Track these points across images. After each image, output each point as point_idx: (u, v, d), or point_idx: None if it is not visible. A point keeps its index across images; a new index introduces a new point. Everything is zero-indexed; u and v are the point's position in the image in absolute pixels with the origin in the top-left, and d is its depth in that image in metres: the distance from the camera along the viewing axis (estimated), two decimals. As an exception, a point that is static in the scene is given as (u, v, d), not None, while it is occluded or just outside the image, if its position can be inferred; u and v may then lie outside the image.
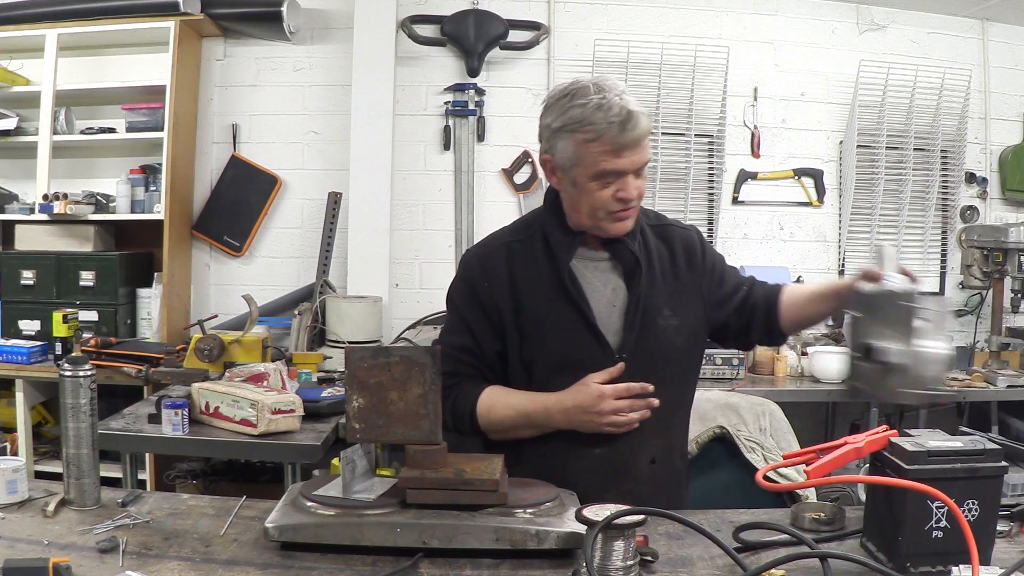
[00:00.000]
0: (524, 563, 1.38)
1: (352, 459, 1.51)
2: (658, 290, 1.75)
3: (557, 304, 1.71)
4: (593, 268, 1.75)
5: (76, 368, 1.61)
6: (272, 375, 2.85)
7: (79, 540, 1.45)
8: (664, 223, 1.86)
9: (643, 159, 1.64)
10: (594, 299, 1.73)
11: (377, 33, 4.13)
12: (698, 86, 4.34)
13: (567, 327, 1.70)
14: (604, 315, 1.73)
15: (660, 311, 1.75)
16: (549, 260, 1.74)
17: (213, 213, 4.34)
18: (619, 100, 1.59)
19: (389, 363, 1.48)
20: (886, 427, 1.45)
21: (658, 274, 1.77)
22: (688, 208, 4.39)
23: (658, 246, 1.80)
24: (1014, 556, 1.34)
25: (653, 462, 1.76)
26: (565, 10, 4.41)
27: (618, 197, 1.64)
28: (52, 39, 3.94)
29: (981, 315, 4.52)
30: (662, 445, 1.78)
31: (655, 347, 1.73)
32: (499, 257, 1.77)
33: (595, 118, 1.58)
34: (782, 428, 2.58)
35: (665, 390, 1.74)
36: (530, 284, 1.74)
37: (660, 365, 1.74)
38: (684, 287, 1.80)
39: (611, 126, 1.58)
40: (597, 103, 1.59)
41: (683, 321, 1.77)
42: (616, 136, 1.58)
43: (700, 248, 1.85)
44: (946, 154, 4.53)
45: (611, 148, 1.60)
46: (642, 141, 1.62)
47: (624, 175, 1.63)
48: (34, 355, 3.68)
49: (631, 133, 1.58)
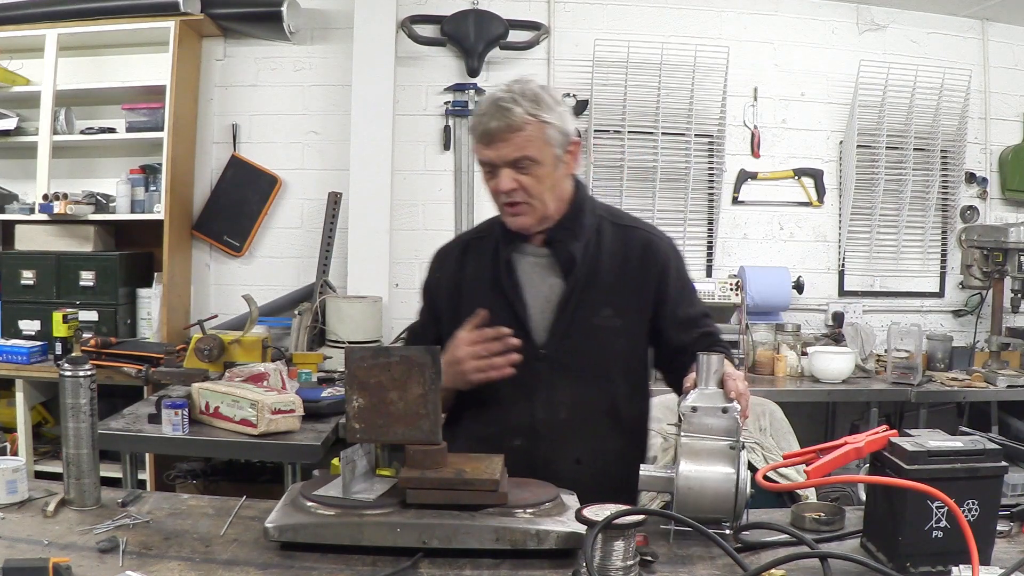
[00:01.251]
0: (524, 563, 1.38)
1: (352, 459, 1.51)
2: (600, 290, 1.77)
3: (493, 297, 1.78)
4: (534, 264, 1.80)
5: (76, 368, 1.61)
6: (272, 375, 2.85)
7: (79, 540, 1.45)
8: (631, 225, 1.87)
9: (510, 155, 1.69)
10: (530, 294, 1.78)
11: (377, 33, 4.13)
12: (698, 86, 4.34)
13: (496, 319, 1.74)
14: (538, 310, 1.77)
15: (599, 310, 1.76)
16: (495, 256, 1.81)
17: (213, 213, 4.33)
18: (495, 94, 1.71)
19: (389, 363, 1.48)
20: (886, 427, 1.45)
21: (604, 273, 1.78)
22: (688, 208, 4.39)
23: (613, 247, 1.81)
24: (1014, 556, 1.34)
25: (579, 463, 1.76)
26: (565, 10, 4.41)
27: (497, 190, 1.73)
28: (52, 39, 3.94)
29: (981, 315, 4.52)
30: (591, 448, 1.77)
31: (585, 345, 1.75)
32: (455, 253, 1.90)
33: (476, 112, 1.75)
34: (782, 428, 2.59)
35: (594, 389, 1.76)
36: (475, 278, 1.82)
37: (590, 364, 1.75)
38: (633, 291, 1.79)
39: (480, 118, 1.71)
40: (482, 103, 1.74)
41: (627, 323, 1.78)
42: (483, 127, 1.70)
43: (664, 260, 1.83)
44: (946, 154, 4.53)
45: (481, 140, 1.71)
46: (504, 135, 1.68)
47: (496, 167, 1.71)
48: (34, 355, 3.68)
49: (491, 123, 1.68)
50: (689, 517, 1.39)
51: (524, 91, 1.71)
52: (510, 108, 1.68)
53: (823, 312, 4.52)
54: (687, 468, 1.44)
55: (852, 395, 3.88)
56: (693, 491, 1.44)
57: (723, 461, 1.45)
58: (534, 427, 1.76)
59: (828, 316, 4.49)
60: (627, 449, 1.84)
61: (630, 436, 1.86)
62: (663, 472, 1.49)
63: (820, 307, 4.53)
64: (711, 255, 4.49)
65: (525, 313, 1.77)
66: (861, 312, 4.50)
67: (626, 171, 4.35)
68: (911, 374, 3.83)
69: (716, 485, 1.44)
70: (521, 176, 1.70)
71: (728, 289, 4.01)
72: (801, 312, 4.47)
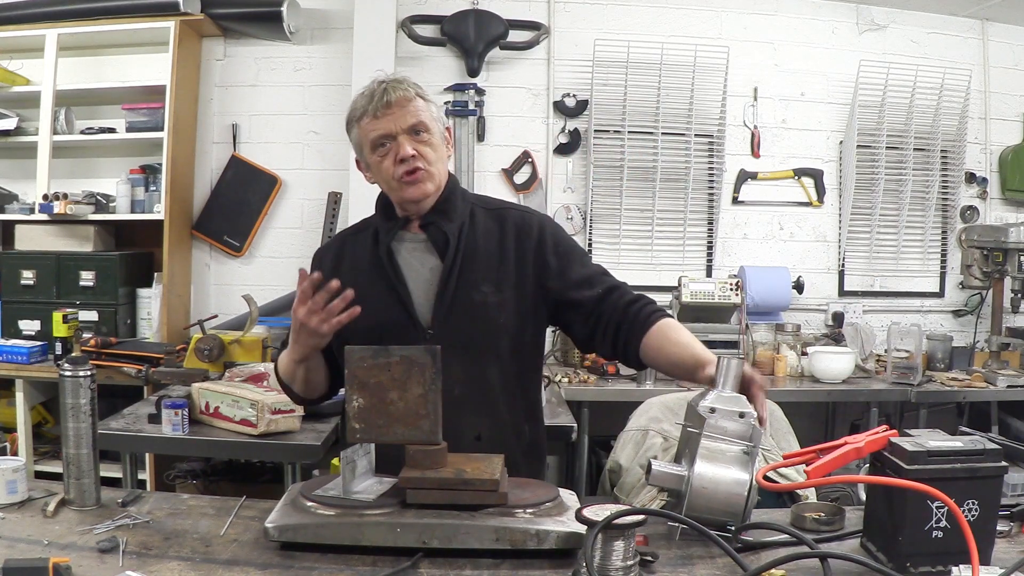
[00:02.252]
0: (524, 563, 1.38)
1: (352, 459, 1.52)
2: (478, 267, 1.81)
3: (376, 284, 1.82)
4: (412, 249, 1.85)
5: (76, 368, 1.61)
6: (272, 375, 2.85)
7: (79, 540, 1.45)
8: (503, 207, 1.93)
9: (408, 121, 1.77)
10: (411, 277, 1.82)
11: (377, 33, 4.12)
12: (698, 86, 4.34)
13: (381, 304, 1.79)
14: (420, 292, 1.82)
15: (477, 287, 1.80)
16: (375, 246, 1.86)
17: (213, 213, 4.33)
18: (377, 78, 1.81)
19: (389, 363, 1.48)
20: (886, 427, 1.45)
21: (481, 253, 1.82)
22: (688, 208, 4.39)
23: (487, 227, 1.86)
24: (1014, 556, 1.34)
25: (479, 439, 1.77)
26: (565, 10, 4.41)
27: (397, 158, 1.76)
28: (52, 39, 3.94)
29: (981, 315, 4.53)
30: (489, 423, 1.80)
31: (467, 321, 1.78)
32: (332, 250, 1.95)
33: (359, 102, 1.81)
34: (782, 428, 2.59)
35: (485, 365, 1.79)
36: (355, 270, 1.86)
37: (475, 339, 1.79)
38: (511, 267, 1.83)
39: (369, 99, 1.78)
40: (362, 92, 1.81)
41: (507, 299, 1.81)
42: (374, 106, 1.77)
43: (539, 233, 1.86)
44: (946, 154, 4.53)
45: (372, 116, 1.77)
46: (400, 104, 1.77)
47: (394, 137, 1.77)
48: (34, 355, 3.68)
49: (384, 98, 1.76)
50: (697, 518, 1.39)
51: (405, 77, 1.83)
52: (401, 83, 1.79)
53: (823, 312, 4.52)
54: (703, 469, 1.45)
55: (852, 395, 3.88)
56: (707, 491, 1.44)
57: (737, 465, 1.45)
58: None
59: (828, 316, 4.49)
60: (523, 426, 1.88)
61: (526, 413, 1.90)
62: (676, 469, 1.49)
63: (820, 307, 4.53)
64: (711, 255, 4.49)
65: (408, 296, 1.81)
66: (861, 312, 4.50)
67: (626, 171, 4.35)
68: (911, 374, 3.84)
69: (728, 488, 1.44)
70: (419, 144, 1.78)
71: (728, 289, 4.01)
72: (801, 312, 4.47)
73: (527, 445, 1.88)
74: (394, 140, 1.77)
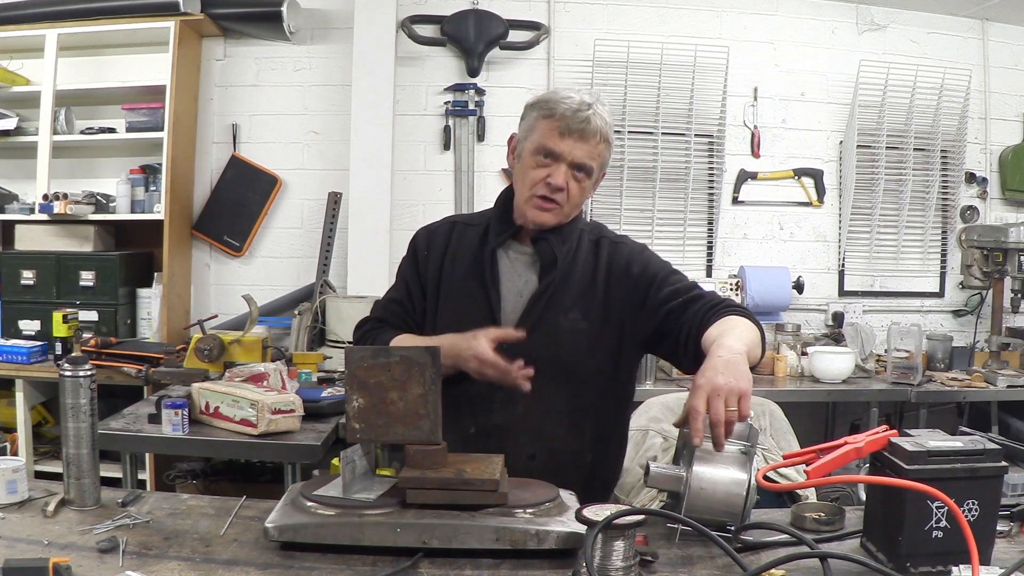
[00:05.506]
0: (524, 563, 1.38)
1: (352, 459, 1.51)
2: (571, 292, 1.80)
3: (471, 283, 1.83)
4: (515, 259, 1.85)
5: (76, 368, 1.61)
6: (272, 375, 2.85)
7: (79, 540, 1.45)
8: (602, 236, 1.91)
9: (581, 157, 1.73)
10: (505, 287, 1.82)
11: (377, 33, 4.13)
12: (698, 86, 4.34)
13: (471, 306, 1.80)
14: (509, 304, 1.81)
15: (566, 312, 1.79)
16: (481, 244, 1.86)
17: (213, 213, 4.33)
18: (584, 97, 1.75)
19: (389, 363, 1.48)
20: (886, 427, 1.45)
21: (576, 278, 1.82)
22: (688, 208, 4.39)
23: (587, 254, 1.85)
24: (1014, 556, 1.34)
25: (532, 459, 1.76)
26: (565, 10, 4.41)
27: (547, 181, 1.74)
28: (52, 39, 3.94)
29: (981, 315, 4.53)
30: (546, 446, 1.78)
31: (545, 343, 1.76)
32: (443, 233, 1.94)
33: (557, 100, 1.75)
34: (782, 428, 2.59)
35: (553, 389, 1.77)
36: (459, 261, 1.86)
37: (553, 363, 1.76)
38: (601, 299, 1.82)
39: (566, 109, 1.72)
40: (567, 95, 1.75)
41: (590, 328, 1.79)
42: (567, 118, 1.72)
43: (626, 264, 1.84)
44: (946, 154, 4.53)
45: (558, 128, 1.73)
46: (589, 135, 1.73)
47: (560, 161, 1.74)
48: (34, 355, 3.68)
49: (580, 121, 1.72)
50: (696, 518, 1.39)
51: (604, 110, 1.77)
52: (599, 115, 1.74)
53: (823, 312, 4.52)
54: (701, 469, 1.45)
55: (852, 395, 3.88)
56: (705, 492, 1.44)
57: (736, 465, 1.46)
58: (491, 417, 1.79)
59: (828, 316, 4.49)
60: (586, 455, 1.84)
61: (593, 444, 1.85)
62: (674, 470, 1.49)
63: (820, 307, 4.53)
64: (711, 255, 4.49)
65: (499, 303, 1.81)
66: (861, 312, 4.50)
67: (626, 171, 4.34)
68: (911, 374, 3.83)
69: (727, 488, 1.44)
70: (574, 182, 1.75)
71: (728, 289, 4.01)
72: (801, 312, 4.47)
73: (586, 475, 1.82)
74: (558, 163, 1.74)
